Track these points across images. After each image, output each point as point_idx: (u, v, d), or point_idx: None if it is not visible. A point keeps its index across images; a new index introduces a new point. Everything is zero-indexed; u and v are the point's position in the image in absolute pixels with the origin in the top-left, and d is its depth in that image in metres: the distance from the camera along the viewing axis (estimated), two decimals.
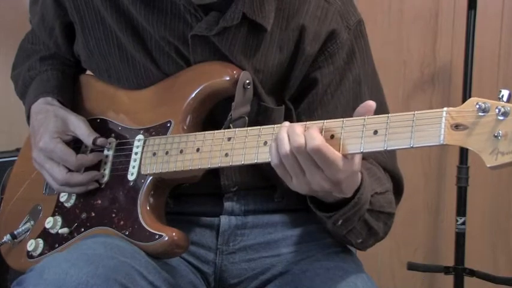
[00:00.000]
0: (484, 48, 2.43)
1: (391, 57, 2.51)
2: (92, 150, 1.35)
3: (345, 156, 1.06)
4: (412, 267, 2.40)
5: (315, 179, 1.07)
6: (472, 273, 2.32)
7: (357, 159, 1.08)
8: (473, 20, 2.30)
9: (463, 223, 2.32)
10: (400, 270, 2.52)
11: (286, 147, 1.07)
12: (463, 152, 2.31)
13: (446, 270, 2.35)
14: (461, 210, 2.32)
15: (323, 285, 1.20)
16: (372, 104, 1.06)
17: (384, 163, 1.30)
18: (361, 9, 1.35)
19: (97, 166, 1.33)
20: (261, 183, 1.34)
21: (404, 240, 2.57)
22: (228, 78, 1.24)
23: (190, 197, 1.35)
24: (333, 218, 1.18)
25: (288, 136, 1.07)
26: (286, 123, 1.10)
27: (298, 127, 1.07)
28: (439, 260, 2.54)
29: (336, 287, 1.20)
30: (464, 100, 2.31)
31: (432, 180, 2.58)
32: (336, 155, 1.05)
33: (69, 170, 1.32)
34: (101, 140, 1.33)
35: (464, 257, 2.33)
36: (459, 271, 2.33)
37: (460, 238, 2.33)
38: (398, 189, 1.34)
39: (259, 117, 1.28)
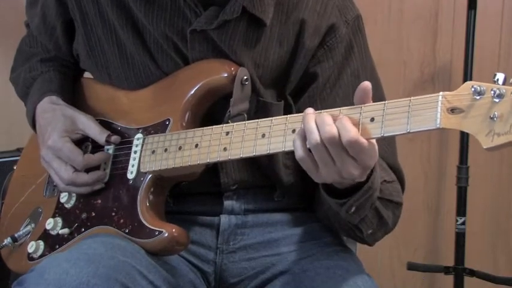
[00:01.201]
0: (484, 48, 2.43)
1: (391, 57, 2.51)
2: (93, 150, 1.35)
3: (370, 142, 1.04)
4: (412, 267, 2.40)
5: (346, 167, 1.05)
6: (472, 273, 2.32)
7: (376, 144, 1.07)
8: (473, 20, 2.30)
9: (463, 223, 2.32)
10: (400, 270, 2.52)
11: (316, 137, 1.04)
12: (463, 152, 2.31)
13: (446, 270, 2.35)
14: (461, 210, 2.32)
15: (323, 285, 1.20)
16: (367, 84, 1.05)
17: (386, 158, 1.30)
18: (361, 9, 1.35)
19: (97, 166, 1.33)
20: (260, 182, 1.34)
21: (404, 240, 2.57)
22: (225, 75, 1.24)
23: (190, 196, 1.35)
24: (346, 205, 1.16)
25: (317, 126, 1.05)
26: (310, 110, 1.07)
27: (327, 116, 1.05)
28: (439, 260, 2.54)
29: (337, 286, 1.20)
30: None
31: (432, 180, 2.58)
32: (366, 143, 1.03)
33: (76, 170, 1.32)
34: (115, 138, 1.33)
35: (464, 257, 2.33)
36: (459, 271, 2.32)
37: (460, 238, 2.33)
38: (400, 183, 1.34)
39: (258, 113, 1.28)
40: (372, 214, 1.21)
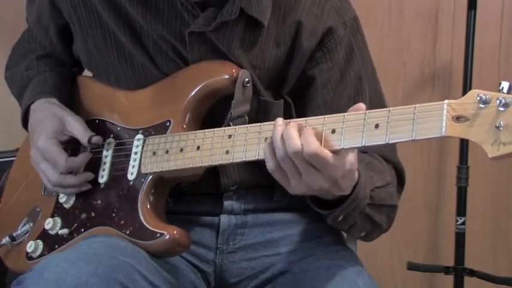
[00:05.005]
0: (484, 48, 2.43)
1: (391, 57, 2.51)
2: (91, 151, 1.35)
3: (336, 153, 1.05)
4: (412, 267, 2.40)
5: (314, 180, 1.07)
6: (472, 273, 2.32)
7: (351, 156, 1.08)
8: (473, 20, 2.30)
9: (463, 223, 2.32)
10: (400, 270, 2.52)
11: (281, 152, 1.07)
12: (463, 152, 2.31)
13: (446, 270, 2.35)
14: (461, 210, 2.32)
15: (324, 284, 1.20)
16: (362, 107, 1.06)
17: (385, 153, 1.30)
18: (361, 10, 1.35)
19: (96, 167, 1.33)
20: (260, 182, 1.34)
21: (404, 240, 2.57)
22: (227, 77, 1.24)
23: (190, 196, 1.35)
24: (332, 215, 1.18)
25: (284, 140, 1.07)
26: (280, 122, 1.09)
27: (292, 130, 1.06)
28: (439, 260, 2.54)
29: (337, 286, 1.20)
30: None
31: (432, 180, 2.58)
32: (329, 155, 1.05)
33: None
34: (96, 138, 1.32)
35: (464, 257, 2.33)
36: (459, 271, 2.32)
37: (460, 238, 2.33)
38: (400, 179, 1.34)
39: (259, 112, 1.28)
40: (362, 220, 1.21)
